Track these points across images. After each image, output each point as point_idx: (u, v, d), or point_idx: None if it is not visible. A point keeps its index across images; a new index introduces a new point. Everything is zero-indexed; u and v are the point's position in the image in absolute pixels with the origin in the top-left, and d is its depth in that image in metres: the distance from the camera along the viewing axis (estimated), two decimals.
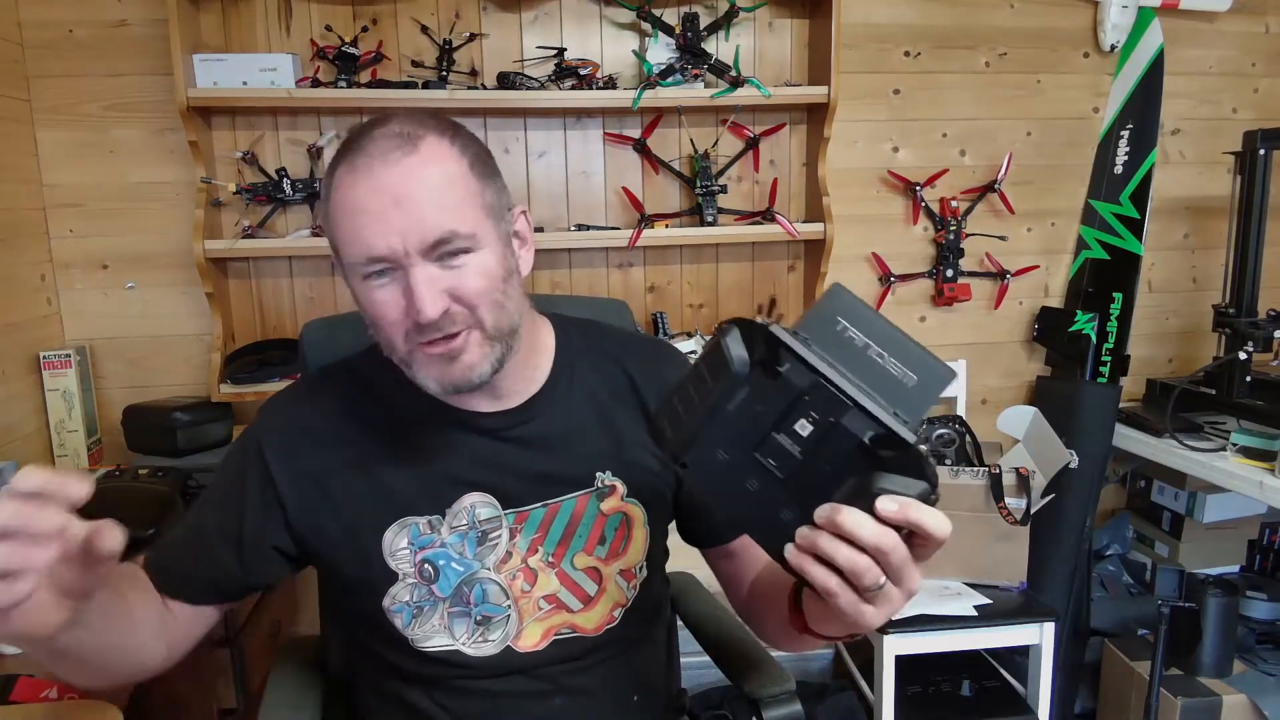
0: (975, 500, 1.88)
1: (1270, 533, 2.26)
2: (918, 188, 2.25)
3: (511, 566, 0.94)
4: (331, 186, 0.84)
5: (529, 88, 1.98)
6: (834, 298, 0.62)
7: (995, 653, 2.13)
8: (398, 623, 0.93)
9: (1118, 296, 2.27)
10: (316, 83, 1.90)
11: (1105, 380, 2.27)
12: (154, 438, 1.88)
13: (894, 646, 1.79)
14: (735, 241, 2.20)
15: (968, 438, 2.11)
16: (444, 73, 1.98)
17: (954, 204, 2.26)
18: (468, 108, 1.99)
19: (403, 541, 0.92)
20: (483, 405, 0.94)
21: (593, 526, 0.96)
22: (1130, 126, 2.27)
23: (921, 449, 0.58)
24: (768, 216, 2.12)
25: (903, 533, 0.59)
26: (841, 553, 0.58)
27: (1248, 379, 1.98)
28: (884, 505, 0.57)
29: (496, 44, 2.06)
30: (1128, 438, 2.17)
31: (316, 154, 2.02)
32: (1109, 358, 2.28)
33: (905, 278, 2.30)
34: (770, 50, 2.17)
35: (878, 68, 2.22)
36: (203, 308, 1.99)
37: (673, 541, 1.07)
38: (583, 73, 2.00)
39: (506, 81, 1.97)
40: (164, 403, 1.93)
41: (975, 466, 1.95)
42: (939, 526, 0.58)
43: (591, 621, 0.96)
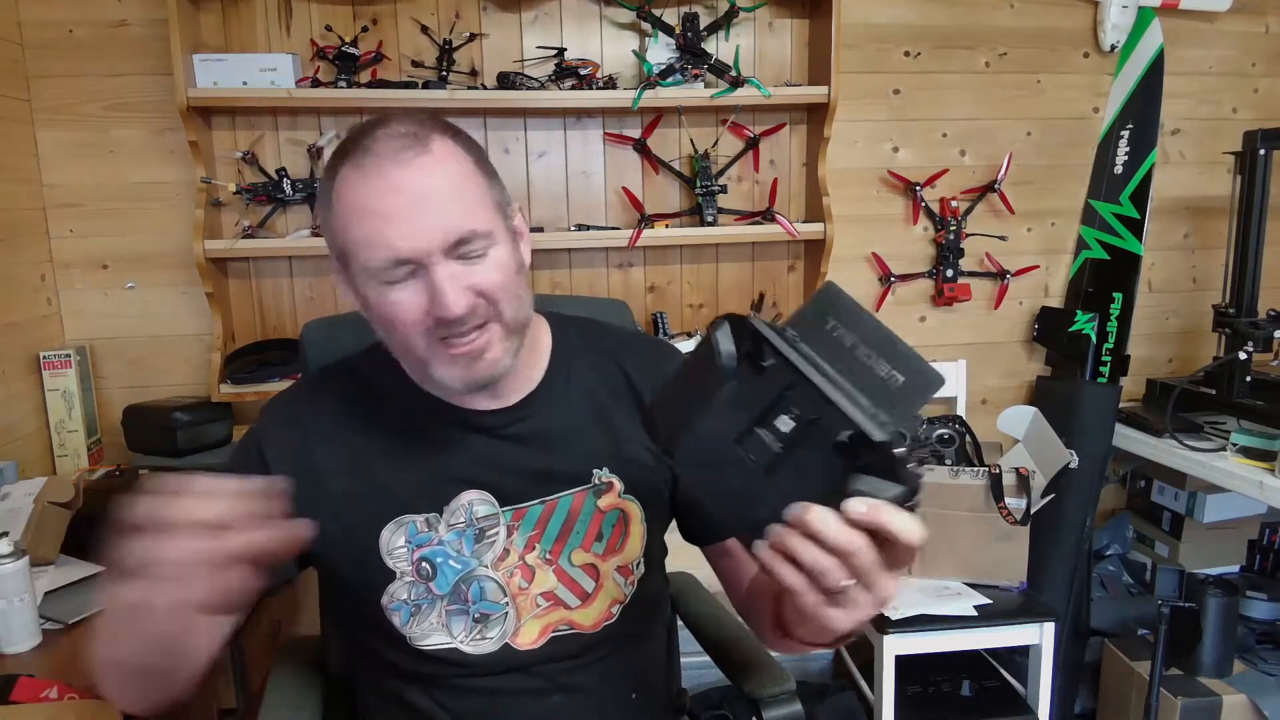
0: (975, 500, 1.88)
1: (1270, 533, 2.26)
2: (918, 188, 2.25)
3: (509, 564, 0.94)
4: (335, 189, 0.83)
5: (529, 88, 1.98)
6: (826, 295, 0.62)
7: (995, 653, 2.13)
8: (396, 621, 0.93)
9: (1118, 296, 2.27)
10: (316, 83, 1.90)
11: (1105, 380, 2.27)
12: (154, 438, 1.88)
13: (894, 646, 1.79)
14: (735, 241, 2.20)
15: (968, 438, 2.11)
16: (444, 73, 1.98)
17: (954, 204, 2.26)
18: (468, 108, 2.00)
19: (400, 540, 0.92)
20: (482, 403, 0.94)
21: (590, 523, 0.96)
22: (1130, 126, 2.27)
23: (898, 452, 0.55)
24: (768, 216, 2.12)
25: (876, 539, 0.58)
26: (807, 552, 0.58)
27: (1248, 379, 1.98)
28: (852, 506, 0.56)
29: (496, 44, 2.06)
30: (1128, 438, 2.17)
31: (316, 154, 2.02)
32: (1109, 358, 2.28)
33: (905, 278, 2.30)
34: (770, 50, 2.17)
35: (878, 68, 2.22)
36: (203, 308, 1.99)
37: (674, 542, 1.07)
38: (583, 73, 2.00)
39: (506, 81, 1.97)
40: (164, 403, 1.93)
41: (975, 466, 1.95)
42: (909, 531, 0.56)
43: (589, 618, 0.96)
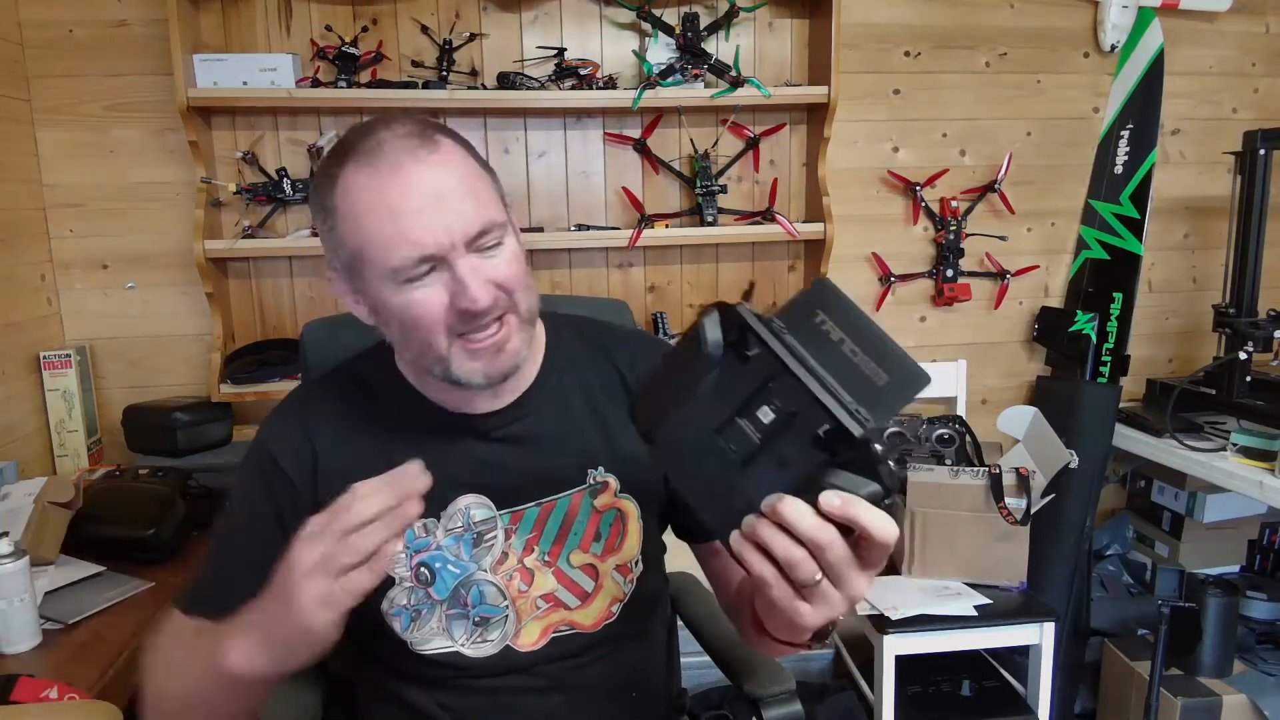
0: (975, 500, 1.88)
1: (1270, 533, 2.26)
2: (918, 188, 2.25)
3: (508, 567, 0.94)
4: (342, 192, 0.82)
5: (529, 88, 1.98)
6: (816, 290, 0.62)
7: (995, 653, 2.13)
8: (396, 626, 0.93)
9: (1118, 296, 2.27)
10: (316, 83, 1.90)
11: (1105, 380, 2.27)
12: (154, 438, 1.88)
13: (894, 646, 1.79)
14: (735, 241, 2.20)
15: (968, 438, 2.11)
16: (444, 73, 1.98)
17: (954, 204, 2.26)
18: (468, 108, 2.00)
19: (397, 545, 0.91)
20: (479, 404, 0.94)
21: (587, 524, 0.96)
22: (1130, 126, 2.27)
23: (877, 449, 0.55)
24: (768, 216, 2.12)
25: (851, 536, 0.57)
26: (779, 543, 0.57)
27: (1248, 379, 1.98)
28: (826, 499, 0.56)
29: (496, 44, 2.06)
30: (1128, 438, 2.17)
31: (316, 154, 2.01)
32: (1109, 358, 2.28)
33: (905, 278, 2.30)
34: (770, 50, 2.17)
35: (878, 68, 2.22)
36: (203, 308, 1.99)
37: (674, 542, 1.07)
38: (583, 73, 2.00)
39: (506, 81, 1.97)
40: (164, 403, 1.93)
41: (975, 466, 1.95)
42: (882, 529, 0.56)
43: (590, 618, 0.96)
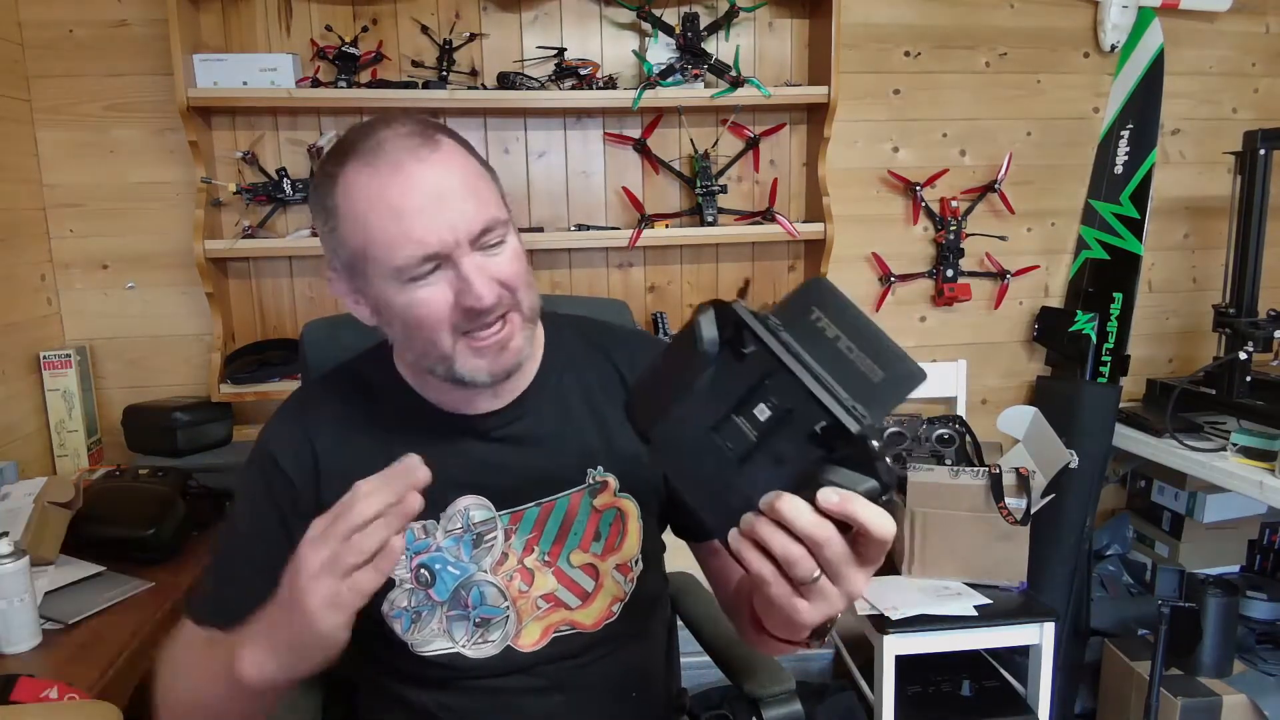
0: (975, 500, 1.88)
1: (1270, 533, 2.26)
2: (918, 188, 2.25)
3: (508, 568, 0.94)
4: (345, 192, 0.82)
5: (529, 88, 1.98)
6: (811, 287, 0.62)
7: (995, 653, 2.13)
8: (397, 628, 0.92)
9: (1118, 296, 2.27)
10: (316, 83, 1.90)
11: (1105, 380, 2.27)
12: (154, 438, 1.88)
13: (894, 646, 1.79)
14: (735, 241, 2.20)
15: (968, 438, 2.11)
16: (444, 73, 1.98)
17: (954, 204, 2.26)
18: (468, 108, 2.00)
19: (401, 541, 0.91)
20: (479, 405, 0.93)
21: (587, 524, 0.96)
22: (1130, 126, 2.27)
23: (874, 445, 0.55)
24: (768, 216, 2.12)
25: (849, 533, 0.58)
26: (777, 540, 0.57)
27: (1248, 379, 1.98)
28: (824, 496, 0.56)
29: (496, 44, 2.06)
30: (1128, 438, 2.17)
31: (316, 154, 2.01)
32: (1109, 358, 2.28)
33: (905, 278, 2.30)
34: (770, 50, 2.17)
35: (878, 68, 2.22)
36: (203, 308, 1.99)
37: (674, 542, 1.07)
38: (583, 73, 2.00)
39: (506, 81, 1.97)
40: (164, 403, 1.93)
41: (975, 466, 1.95)
42: (880, 525, 0.56)
43: (591, 617, 0.96)
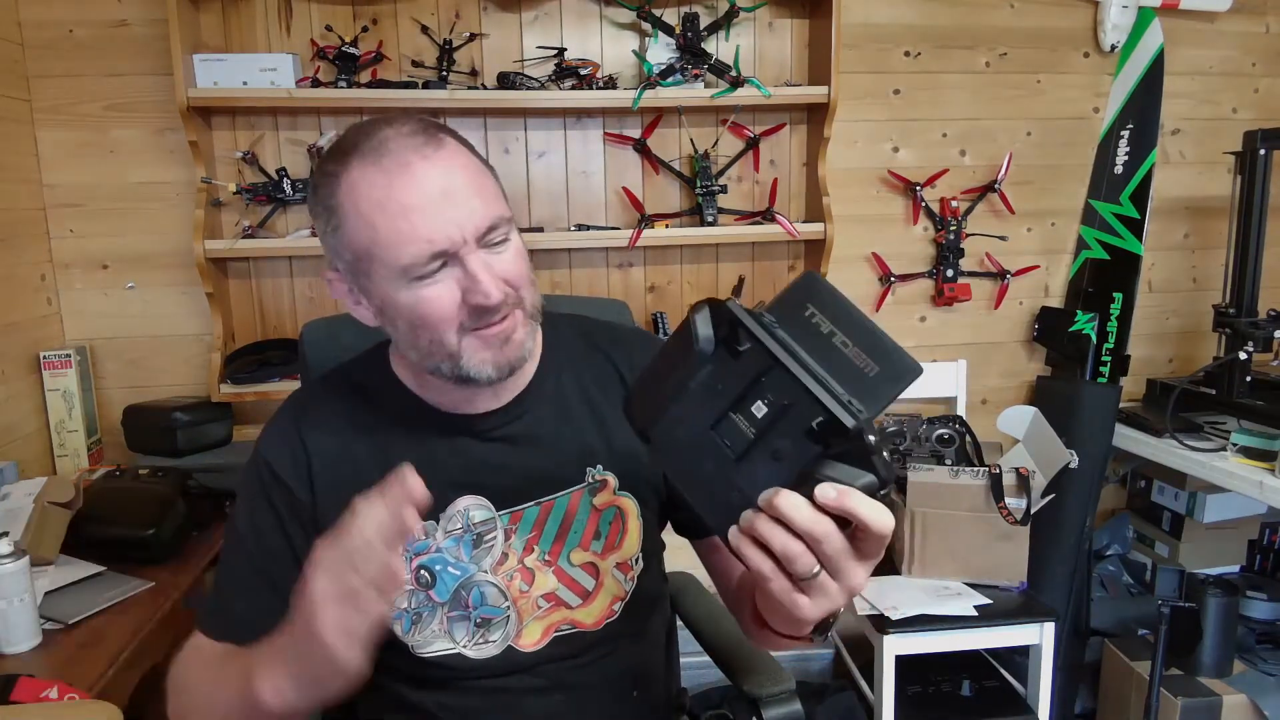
0: (975, 500, 1.88)
1: (1270, 533, 2.26)
2: (918, 188, 2.25)
3: (508, 568, 0.94)
4: (348, 191, 0.81)
5: (529, 88, 1.98)
6: (806, 283, 0.62)
7: (995, 653, 2.13)
8: (397, 630, 0.92)
9: (1118, 296, 2.27)
10: (316, 83, 1.90)
11: (1105, 380, 2.27)
12: (154, 438, 1.88)
13: (894, 646, 1.79)
14: (735, 241, 2.20)
15: (968, 438, 2.11)
16: (444, 73, 1.98)
17: (954, 204, 2.26)
18: (468, 108, 2.00)
19: (400, 562, 0.91)
20: (481, 403, 0.93)
21: (587, 522, 0.96)
22: (1130, 126, 2.27)
23: (871, 439, 0.55)
24: (768, 216, 2.12)
25: (849, 529, 0.58)
26: (776, 536, 0.58)
27: (1248, 379, 1.98)
28: (822, 492, 0.56)
29: (496, 44, 2.06)
30: (1128, 438, 2.17)
31: (316, 154, 2.02)
32: (1109, 358, 2.28)
33: (905, 278, 2.30)
34: (770, 50, 2.17)
35: (878, 68, 2.22)
36: (203, 308, 1.99)
37: (674, 541, 1.07)
38: (583, 73, 2.00)
39: (506, 81, 1.97)
40: (164, 403, 1.93)
41: (975, 466, 1.95)
42: (878, 520, 0.56)
43: (591, 616, 0.96)
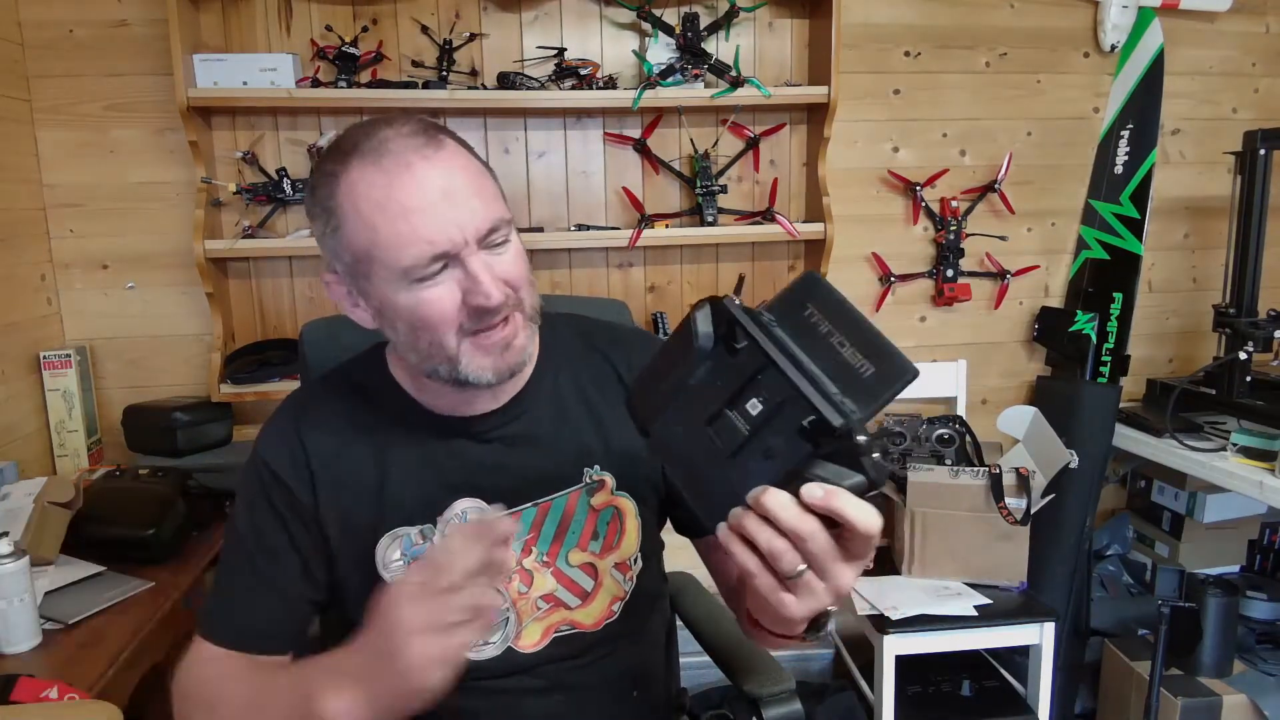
0: (975, 500, 1.88)
1: (1270, 533, 2.26)
2: (918, 188, 2.25)
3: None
4: (348, 192, 0.81)
5: (529, 88, 1.98)
6: (806, 283, 0.62)
7: (995, 653, 2.13)
8: None
9: (1118, 296, 2.27)
10: (317, 83, 1.90)
11: (1105, 380, 2.27)
12: (154, 438, 1.88)
13: (894, 646, 1.79)
14: (735, 241, 2.20)
15: (968, 438, 2.11)
16: (444, 73, 1.98)
17: (954, 204, 2.26)
18: (468, 108, 2.00)
19: (395, 553, 0.91)
20: (479, 404, 0.93)
21: (585, 523, 0.96)
22: (1130, 126, 2.27)
23: (860, 440, 0.55)
24: (768, 216, 2.12)
25: (836, 529, 0.58)
26: (762, 534, 0.58)
27: (1248, 379, 1.98)
28: (808, 491, 0.56)
29: (496, 44, 2.06)
30: (1128, 438, 2.17)
31: (316, 154, 2.01)
32: (1109, 358, 2.28)
33: (905, 278, 2.30)
34: (770, 50, 2.17)
35: (878, 68, 2.22)
36: (203, 308, 1.99)
37: (674, 541, 1.07)
38: (583, 73, 2.00)
39: (506, 81, 1.97)
40: (164, 403, 1.93)
41: (975, 466, 1.95)
42: (865, 520, 0.56)
43: (591, 616, 0.96)
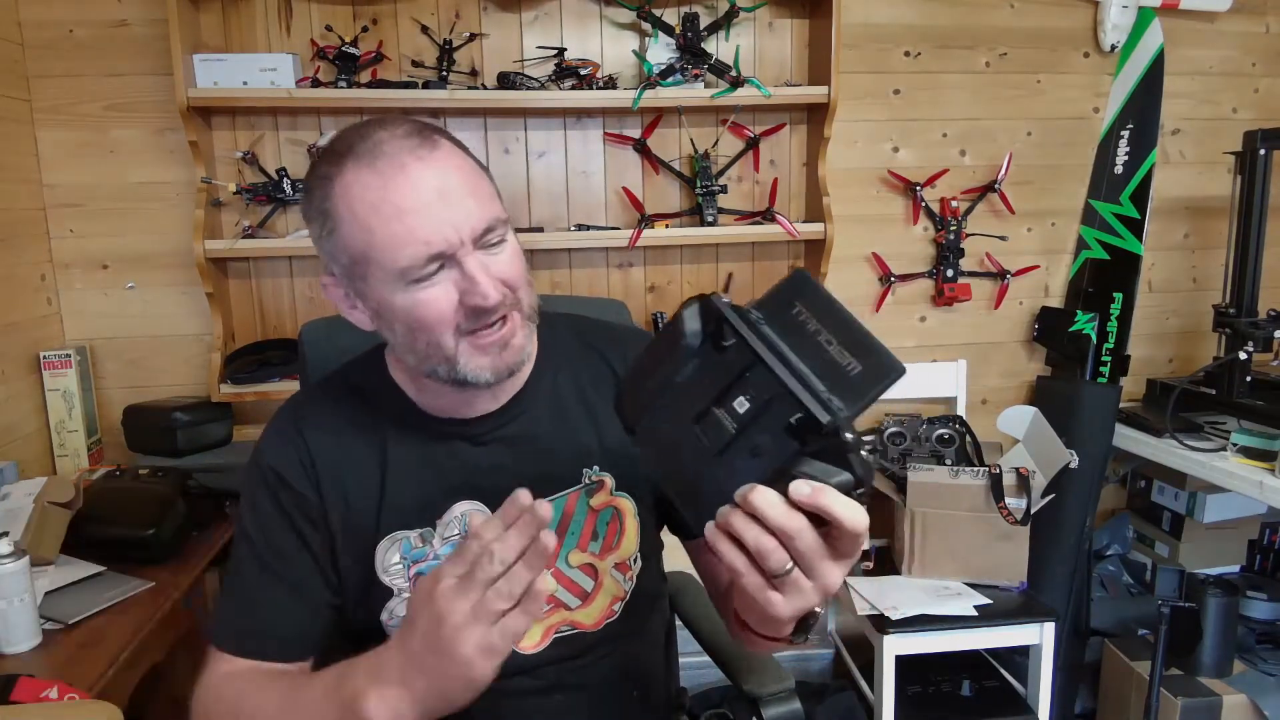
0: (975, 500, 1.88)
1: (1270, 533, 2.26)
2: (918, 188, 2.25)
3: None
4: (344, 194, 0.81)
5: (529, 88, 1.98)
6: (794, 281, 0.62)
7: (995, 653, 2.13)
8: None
9: (1118, 296, 2.27)
10: (316, 83, 1.90)
11: (1105, 380, 2.27)
12: (154, 438, 1.88)
13: (894, 646, 1.79)
14: (735, 241, 2.20)
15: (968, 438, 2.11)
16: (444, 73, 1.98)
17: (954, 204, 2.26)
18: (468, 108, 2.00)
19: (394, 557, 0.91)
20: (479, 405, 0.93)
21: (584, 523, 0.96)
22: (1130, 126, 2.27)
23: (848, 437, 0.55)
24: (768, 216, 2.12)
25: (824, 528, 0.58)
26: (749, 532, 0.58)
27: (1248, 379, 1.98)
28: (795, 488, 0.56)
29: (496, 44, 2.06)
30: (1128, 438, 2.17)
31: (316, 154, 2.02)
32: (1109, 358, 2.28)
33: (905, 278, 2.30)
34: (770, 50, 2.17)
35: (878, 68, 2.22)
36: (203, 308, 1.99)
37: (674, 541, 1.07)
38: (583, 73, 2.00)
39: (506, 81, 1.97)
40: (164, 403, 1.93)
41: (975, 466, 1.95)
42: (852, 518, 0.56)
43: (591, 617, 0.96)
